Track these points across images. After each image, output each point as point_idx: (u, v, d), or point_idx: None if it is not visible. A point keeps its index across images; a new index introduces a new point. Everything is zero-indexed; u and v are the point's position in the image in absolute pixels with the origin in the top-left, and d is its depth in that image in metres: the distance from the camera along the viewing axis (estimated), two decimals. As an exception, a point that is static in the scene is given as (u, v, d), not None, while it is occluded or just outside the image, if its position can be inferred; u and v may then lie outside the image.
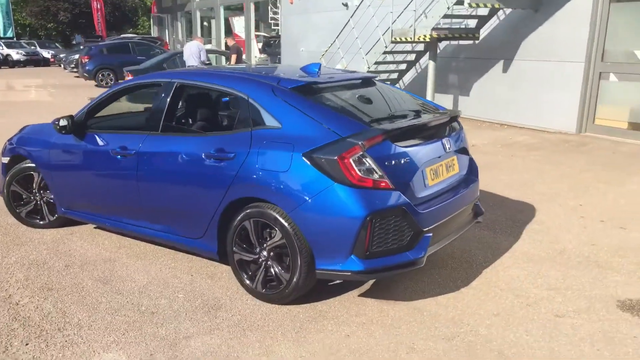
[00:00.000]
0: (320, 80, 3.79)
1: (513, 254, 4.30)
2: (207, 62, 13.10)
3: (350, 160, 3.10)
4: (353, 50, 11.52)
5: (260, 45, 22.16)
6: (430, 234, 3.32)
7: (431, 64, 9.72)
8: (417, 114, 3.80)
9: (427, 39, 9.18)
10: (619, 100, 8.45)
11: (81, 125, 4.48)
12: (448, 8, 8.65)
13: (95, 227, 5.02)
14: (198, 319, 3.35)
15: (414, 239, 3.25)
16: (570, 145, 8.14)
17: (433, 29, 9.01)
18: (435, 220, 3.38)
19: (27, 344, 3.11)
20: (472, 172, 4.05)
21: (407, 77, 11.80)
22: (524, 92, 9.27)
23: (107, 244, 4.63)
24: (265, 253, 3.47)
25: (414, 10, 9.51)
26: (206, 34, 27.32)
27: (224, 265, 4.05)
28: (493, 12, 9.47)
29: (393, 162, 3.21)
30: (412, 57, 11.12)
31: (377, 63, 10.62)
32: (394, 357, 2.90)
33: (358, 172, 3.10)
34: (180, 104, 4.29)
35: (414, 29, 9.26)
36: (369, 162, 3.13)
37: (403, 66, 11.29)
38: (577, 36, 8.43)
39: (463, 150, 3.95)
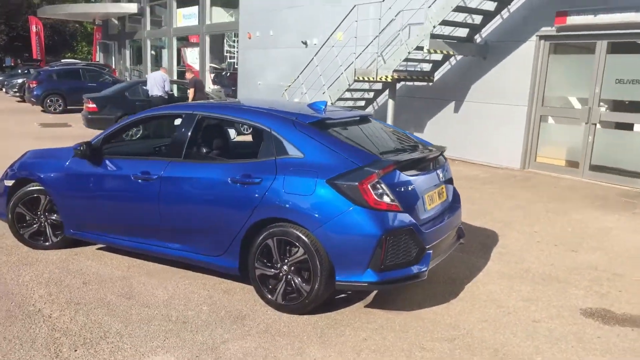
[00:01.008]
0: (331, 116, 4.34)
1: (488, 272, 4.94)
2: (170, 92, 13.38)
3: (369, 186, 3.65)
4: (315, 87, 12.17)
5: (212, 76, 22.55)
6: (431, 251, 3.89)
7: (390, 102, 10.52)
8: (414, 148, 4.42)
9: (389, 80, 9.99)
10: (556, 141, 9.52)
11: (97, 150, 4.79)
12: (409, 52, 9.50)
13: (97, 249, 5.26)
14: (228, 327, 3.73)
15: (419, 255, 3.81)
16: (517, 179, 9.07)
17: (394, 70, 9.83)
18: (434, 240, 3.97)
19: (75, 350, 3.39)
20: (455, 199, 4.69)
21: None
22: (474, 131, 10.21)
23: (116, 263, 4.90)
24: (285, 268, 3.92)
25: (376, 53, 10.33)
26: (156, 63, 27.39)
27: (235, 281, 4.45)
28: (446, 58, 10.45)
29: (402, 188, 3.79)
30: (370, 94, 11.91)
31: (340, 99, 11.32)
32: (409, 356, 3.41)
33: (375, 197, 3.65)
34: (201, 134, 4.70)
35: (377, 70, 10.06)
36: (383, 187, 3.69)
37: (362, 103, 12.05)
38: (521, 82, 9.49)
39: (449, 181, 4.60)
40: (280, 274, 3.95)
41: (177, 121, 4.66)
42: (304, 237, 3.77)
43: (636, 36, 8.11)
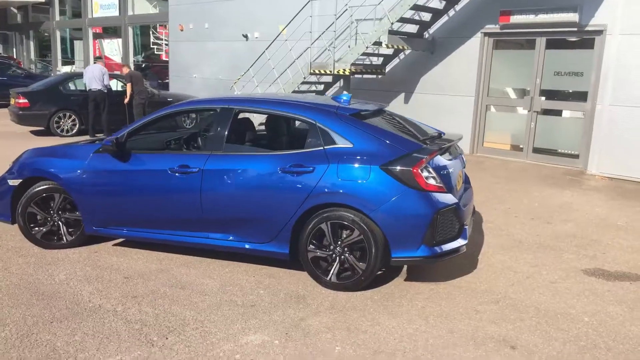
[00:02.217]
0: (363, 108, 4.67)
1: (489, 245, 5.53)
2: (109, 87, 12.91)
3: (419, 170, 4.05)
4: (267, 79, 12.34)
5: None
6: (467, 226, 4.38)
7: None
8: (438, 135, 4.87)
9: (347, 73, 10.42)
10: (501, 127, 10.46)
11: (123, 146, 4.78)
12: (367, 47, 9.99)
13: (113, 245, 5.24)
14: (296, 307, 3.99)
15: (460, 230, 4.28)
16: (470, 163, 9.85)
17: (352, 64, 10.28)
18: (467, 216, 4.46)
19: (167, 338, 3.50)
20: (467, 181, 5.22)
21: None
22: (425, 120, 10.75)
23: (144, 258, 4.93)
24: (338, 249, 4.22)
25: (334, 47, 10.72)
26: (67, 55, 25.87)
27: (274, 266, 4.68)
28: (397, 52, 11.06)
29: (443, 172, 4.23)
30: (320, 87, 12.28)
31: (294, 92, 11.59)
32: (470, 317, 3.87)
33: (425, 180, 4.06)
34: (238, 126, 4.83)
35: (334, 63, 10.45)
36: (431, 171, 4.11)
37: (311, 95, 12.38)
38: (468, 75, 10.31)
39: (464, 165, 5.11)
40: (333, 255, 4.25)
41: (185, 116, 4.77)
42: (359, 220, 4.10)
43: (571, 34, 9.15)
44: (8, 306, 3.90)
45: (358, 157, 4.15)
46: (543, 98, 9.51)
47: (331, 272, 4.25)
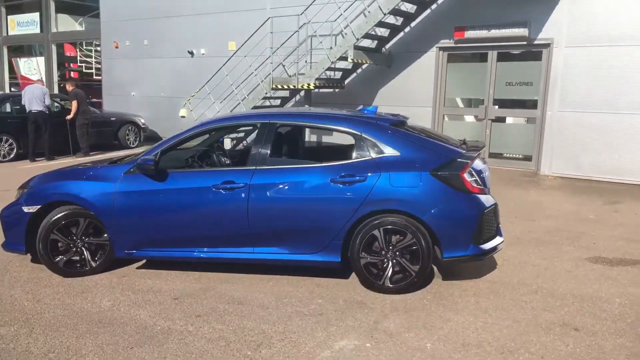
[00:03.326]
0: (396, 119, 4.94)
1: (496, 242, 5.96)
2: (49, 106, 12.26)
3: (466, 175, 4.38)
4: (225, 96, 12.30)
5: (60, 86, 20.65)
6: (500, 225, 4.76)
7: (307, 108, 11.20)
8: (464, 142, 5.21)
9: (311, 87, 10.67)
10: (458, 135, 11.12)
11: (156, 165, 4.72)
12: (332, 62, 10.31)
13: (137, 268, 5.12)
14: (362, 312, 4.14)
15: (497, 229, 4.65)
16: (434, 170, 10.45)
17: (316, 79, 10.55)
18: (498, 215, 4.84)
19: (260, 351, 3.54)
20: None
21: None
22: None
23: (179, 278, 4.87)
24: (390, 254, 4.44)
25: (296, 62, 10.94)
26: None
27: (316, 276, 4.80)
28: (356, 66, 11.48)
29: (481, 175, 4.59)
30: (277, 102, 12.43)
31: (255, 107, 11.66)
32: (520, 307, 4.22)
33: (470, 183, 4.39)
34: (279, 141, 4.90)
35: (297, 78, 10.67)
36: (474, 174, 4.45)
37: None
38: (425, 87, 10.92)
39: None
40: (385, 260, 4.45)
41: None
42: (412, 224, 4.34)
43: (521, 47, 10.01)
44: (73, 337, 3.75)
45: (407, 165, 4.41)
46: (496, 107, 10.29)
47: (384, 277, 4.45)
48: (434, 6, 10.57)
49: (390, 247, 4.43)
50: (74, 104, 12.32)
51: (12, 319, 4.03)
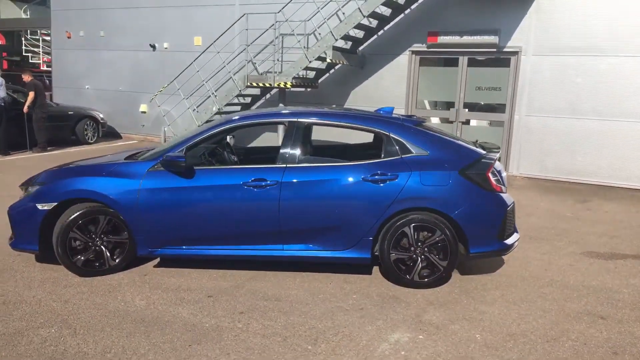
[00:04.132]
0: (417, 120, 5.12)
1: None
2: (6, 99, 11.60)
3: (490, 174, 4.62)
4: (196, 92, 12.08)
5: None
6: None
7: (281, 107, 11.23)
8: (477, 142, 5.44)
9: (288, 86, 10.70)
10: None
11: (183, 162, 4.65)
12: (310, 62, 10.39)
13: (154, 266, 5.03)
14: (399, 305, 4.29)
15: (515, 225, 4.93)
16: (408, 170, 10.77)
17: (293, 77, 10.60)
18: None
19: (320, 345, 3.61)
20: None
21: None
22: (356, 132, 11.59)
23: (203, 276, 4.83)
24: (419, 250, 4.61)
25: (273, 61, 10.93)
26: None
27: (341, 273, 4.91)
28: (330, 66, 11.61)
29: (501, 175, 4.85)
30: (247, 100, 12.35)
31: (232, 104, 11.56)
32: (544, 298, 4.51)
33: (494, 182, 4.64)
34: (307, 139, 4.94)
35: (274, 77, 10.67)
36: (496, 174, 4.71)
37: (237, 108, 12.40)
38: (397, 89, 11.22)
39: None
40: (414, 256, 4.62)
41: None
42: (441, 222, 4.54)
43: (491, 54, 10.50)
44: (123, 336, 3.66)
45: (437, 165, 4.59)
46: (466, 110, 10.74)
47: (414, 272, 4.62)
48: (407, 11, 10.87)
49: (419, 244, 4.60)
50: (31, 95, 11.68)
51: (47, 320, 3.87)
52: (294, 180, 4.59)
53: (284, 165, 4.66)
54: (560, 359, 3.49)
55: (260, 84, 10.95)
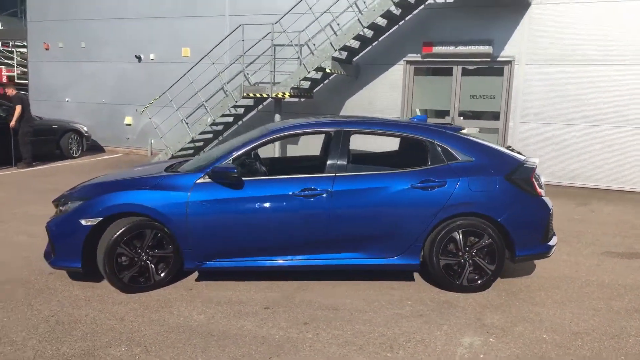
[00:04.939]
0: (456, 127, 5.20)
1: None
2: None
3: (533, 179, 4.77)
4: (187, 103, 11.95)
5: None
6: (550, 225, 5.20)
7: (277, 118, 11.22)
8: (512, 148, 5.55)
9: (286, 96, 10.72)
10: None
11: (228, 172, 4.62)
12: (309, 72, 10.44)
13: (196, 280, 4.96)
14: (454, 310, 4.36)
15: (552, 229, 5.08)
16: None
17: (292, 88, 10.63)
18: None
19: (397, 352, 3.63)
20: None
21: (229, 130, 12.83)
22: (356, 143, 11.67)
23: (248, 288, 4.79)
24: (467, 255, 4.71)
25: (271, 71, 10.93)
26: None
27: (384, 280, 4.96)
28: (325, 76, 11.69)
29: (541, 180, 4.99)
30: (240, 110, 12.28)
31: (225, 115, 11.48)
32: (589, 297, 4.66)
33: (537, 187, 4.79)
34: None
35: (272, 87, 10.68)
36: (538, 179, 4.85)
37: (230, 119, 12.32)
38: (392, 98, 11.39)
39: None
40: (462, 261, 4.71)
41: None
42: (488, 226, 4.64)
43: (483, 63, 10.79)
44: (199, 351, 3.61)
45: (483, 170, 4.70)
46: (461, 118, 10.99)
47: (463, 277, 4.70)
48: (402, 22, 11.07)
49: (467, 249, 4.69)
50: (18, 109, 11.33)
51: (112, 339, 3.76)
52: (344, 189, 4.62)
53: (333, 174, 4.69)
54: (630, 354, 3.62)
55: (258, 95, 10.93)
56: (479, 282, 4.72)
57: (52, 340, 3.74)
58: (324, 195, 4.60)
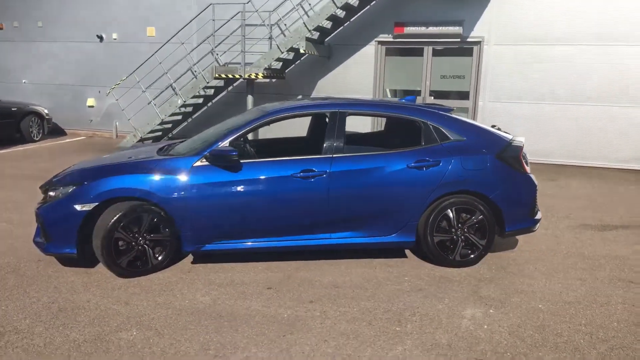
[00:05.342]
0: (447, 108, 5.30)
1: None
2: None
3: (522, 157, 4.96)
4: (157, 85, 11.70)
5: None
6: (533, 200, 5.43)
7: (250, 99, 11.14)
8: (497, 128, 5.72)
9: (260, 77, 10.63)
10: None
11: (226, 154, 4.62)
12: (282, 53, 10.38)
13: (192, 262, 4.97)
14: (451, 285, 4.52)
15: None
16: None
17: (265, 69, 10.55)
18: None
19: (406, 325, 3.76)
20: None
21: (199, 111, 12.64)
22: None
23: (247, 269, 4.81)
24: (459, 231, 4.87)
25: (243, 52, 10.78)
26: None
27: (375, 257, 5.08)
28: (296, 57, 11.64)
29: (526, 157, 5.18)
30: (210, 92, 12.11)
31: (196, 97, 11.30)
32: (573, 269, 4.92)
33: (524, 164, 4.99)
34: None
35: (244, 68, 10.57)
36: (525, 157, 5.05)
37: (199, 100, 12.14)
38: (364, 78, 11.46)
39: None
40: (454, 237, 4.87)
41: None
42: (480, 203, 4.82)
43: (454, 44, 10.98)
44: (212, 332, 3.63)
45: (475, 150, 4.86)
46: (432, 97, 11.19)
47: (456, 252, 4.87)
48: (373, 2, 11.11)
49: (459, 225, 4.85)
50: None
51: (121, 324, 3.74)
52: (342, 170, 4.68)
53: (331, 156, 4.74)
54: (622, 320, 3.87)
55: (230, 75, 10.80)
56: (471, 257, 4.90)
57: (59, 326, 3.69)
58: (323, 176, 4.65)
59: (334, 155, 4.74)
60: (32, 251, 5.08)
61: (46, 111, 13.29)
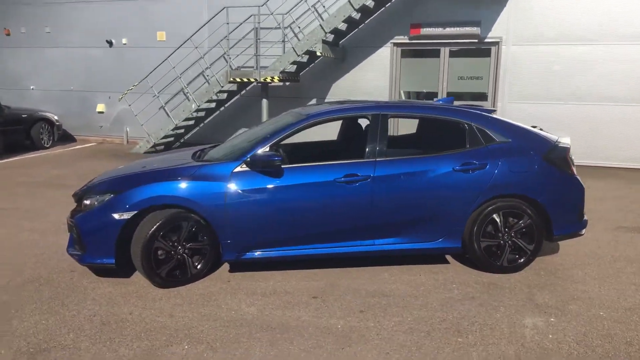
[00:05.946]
0: (489, 109, 5.16)
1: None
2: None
3: (569, 158, 4.82)
4: (169, 90, 11.56)
5: None
6: (577, 203, 5.28)
7: (265, 102, 11.00)
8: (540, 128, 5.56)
9: (275, 81, 10.49)
10: (413, 127, 11.73)
11: (266, 159, 4.47)
12: (298, 55, 10.24)
13: (230, 271, 4.81)
14: (502, 291, 4.37)
15: (583, 207, 5.16)
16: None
17: (280, 72, 10.41)
18: None
19: (475, 333, 3.61)
20: None
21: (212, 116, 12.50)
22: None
23: (292, 277, 4.68)
24: (506, 236, 4.72)
25: (256, 55, 10.65)
26: None
27: (421, 264, 4.93)
28: (311, 60, 11.50)
29: (572, 158, 5.03)
30: (223, 96, 11.96)
31: (209, 101, 11.15)
32: (622, 274, 4.77)
33: (572, 165, 4.84)
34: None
35: (259, 72, 10.42)
36: (572, 158, 4.91)
37: (212, 105, 11.99)
38: (380, 80, 11.32)
39: None
40: (502, 242, 4.72)
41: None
42: (528, 207, 4.67)
43: (471, 44, 10.86)
44: (266, 345, 3.49)
45: (521, 151, 4.71)
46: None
47: (503, 258, 4.72)
48: (389, 4, 10.99)
49: (506, 229, 4.70)
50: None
51: (170, 337, 3.59)
52: (386, 174, 4.54)
53: (374, 160, 4.59)
54: (689, 327, 3.72)
55: (245, 79, 10.65)
56: (519, 262, 4.75)
57: (105, 341, 3.53)
58: (366, 180, 4.50)
59: (377, 159, 4.59)
60: (63, 261, 4.93)
61: (56, 117, 13.13)
